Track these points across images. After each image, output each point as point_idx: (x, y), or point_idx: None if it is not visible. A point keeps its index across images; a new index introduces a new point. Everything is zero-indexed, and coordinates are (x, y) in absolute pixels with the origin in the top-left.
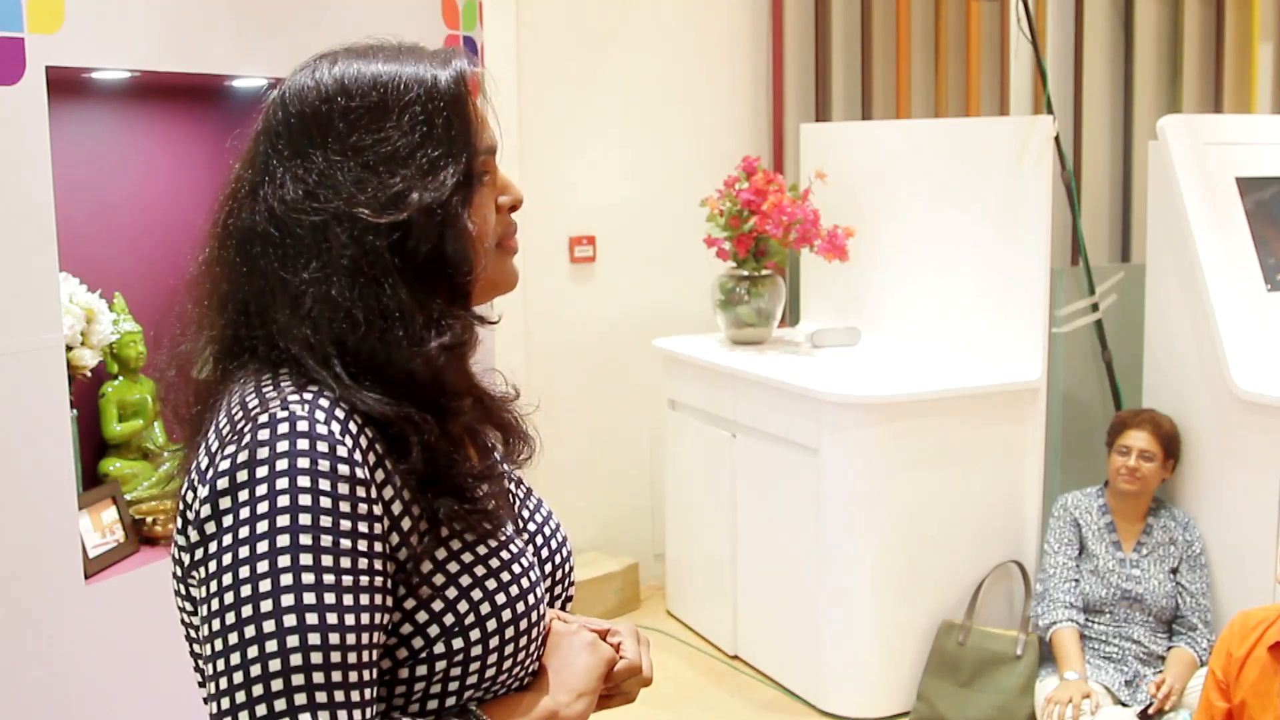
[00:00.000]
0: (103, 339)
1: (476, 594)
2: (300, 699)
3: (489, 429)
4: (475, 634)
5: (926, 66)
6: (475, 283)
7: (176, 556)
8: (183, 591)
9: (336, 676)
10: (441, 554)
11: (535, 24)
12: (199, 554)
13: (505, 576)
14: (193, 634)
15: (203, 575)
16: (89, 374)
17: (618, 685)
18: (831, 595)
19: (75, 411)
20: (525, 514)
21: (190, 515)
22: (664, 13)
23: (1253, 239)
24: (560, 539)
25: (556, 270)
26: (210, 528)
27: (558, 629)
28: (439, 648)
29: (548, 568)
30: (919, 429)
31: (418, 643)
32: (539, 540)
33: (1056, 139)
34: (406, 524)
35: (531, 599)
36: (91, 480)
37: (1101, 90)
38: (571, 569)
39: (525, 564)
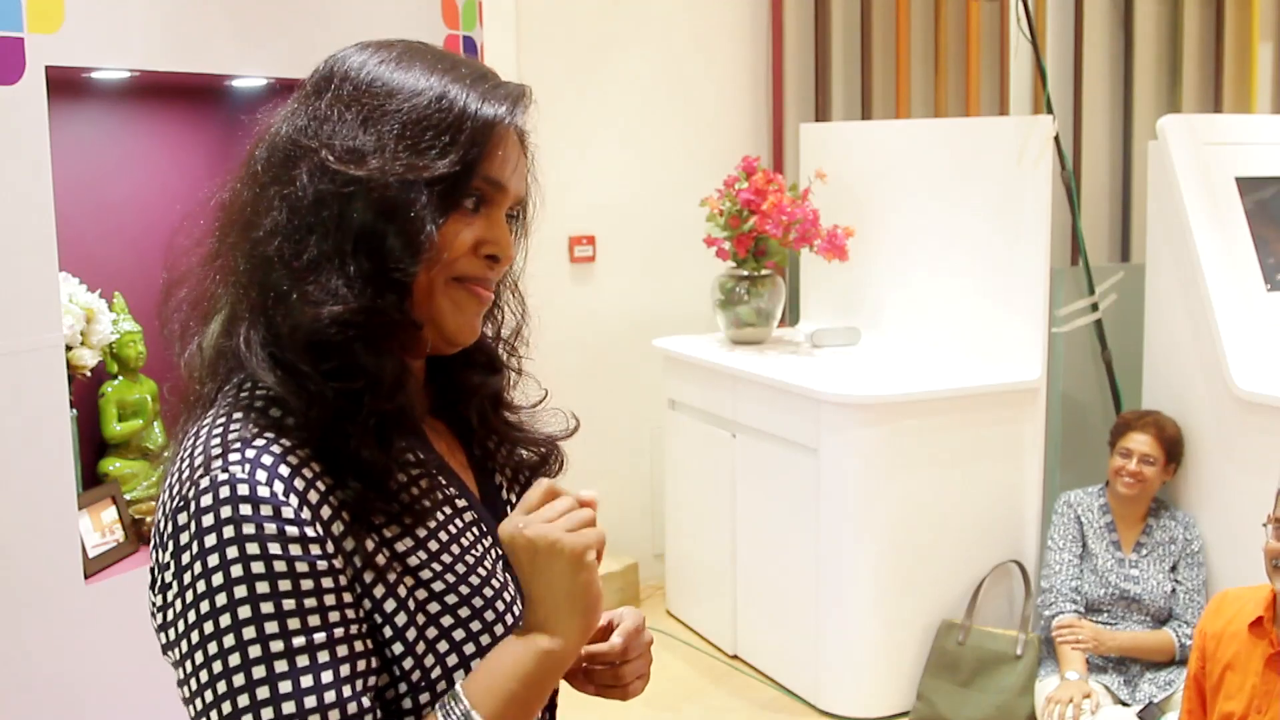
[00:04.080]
0: (103, 339)
1: (442, 646)
2: None
3: (523, 449)
4: (441, 686)
5: (926, 66)
6: (409, 288)
7: (151, 599)
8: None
9: None
10: (407, 607)
11: (535, 24)
12: (165, 617)
13: (475, 626)
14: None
15: (172, 639)
16: (89, 374)
17: (616, 668)
18: (831, 595)
19: (75, 411)
20: None
21: (154, 578)
22: (664, 13)
23: (1253, 239)
24: None
25: (556, 270)
26: (172, 598)
27: (534, 536)
28: (406, 703)
29: None
30: (919, 429)
31: (389, 694)
32: None
33: (1056, 139)
34: (358, 560)
35: (499, 630)
36: (91, 480)
37: (1101, 90)
38: None
39: (497, 586)
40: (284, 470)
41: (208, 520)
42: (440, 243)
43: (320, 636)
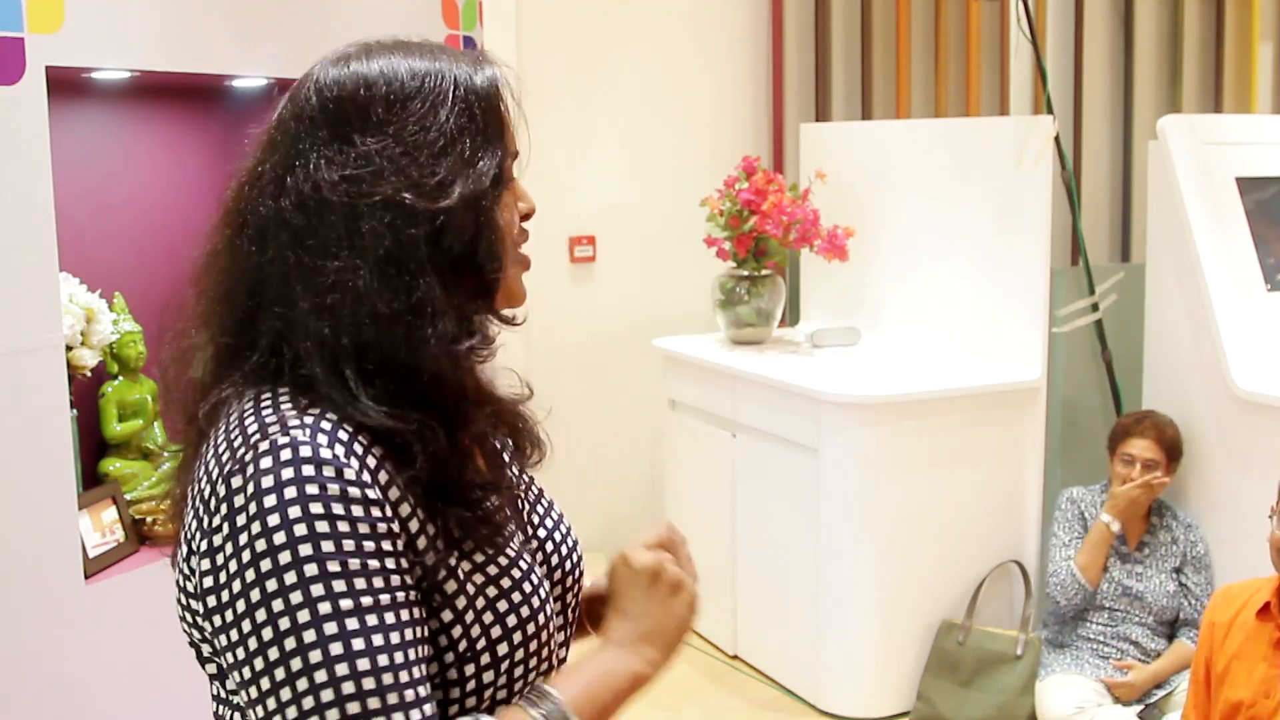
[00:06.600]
0: (103, 339)
1: (488, 617)
2: None
3: (499, 432)
4: (485, 659)
5: (926, 66)
6: (501, 283)
7: (182, 585)
8: (188, 619)
9: (392, 699)
10: (456, 576)
11: (535, 24)
12: (209, 582)
13: (516, 597)
14: (204, 650)
15: (226, 616)
16: (89, 374)
17: None
18: (831, 595)
19: (75, 411)
20: (535, 519)
21: (196, 545)
22: (664, 13)
23: (1253, 239)
24: (570, 544)
25: (556, 270)
26: (223, 560)
27: (641, 561)
28: (452, 674)
29: (556, 575)
30: (919, 429)
31: (431, 668)
32: (549, 547)
33: (1056, 139)
34: (422, 542)
35: (541, 619)
36: (91, 480)
37: (1101, 90)
38: (581, 574)
39: (535, 581)
40: (343, 435)
41: (267, 481)
42: (505, 229)
43: (385, 598)
